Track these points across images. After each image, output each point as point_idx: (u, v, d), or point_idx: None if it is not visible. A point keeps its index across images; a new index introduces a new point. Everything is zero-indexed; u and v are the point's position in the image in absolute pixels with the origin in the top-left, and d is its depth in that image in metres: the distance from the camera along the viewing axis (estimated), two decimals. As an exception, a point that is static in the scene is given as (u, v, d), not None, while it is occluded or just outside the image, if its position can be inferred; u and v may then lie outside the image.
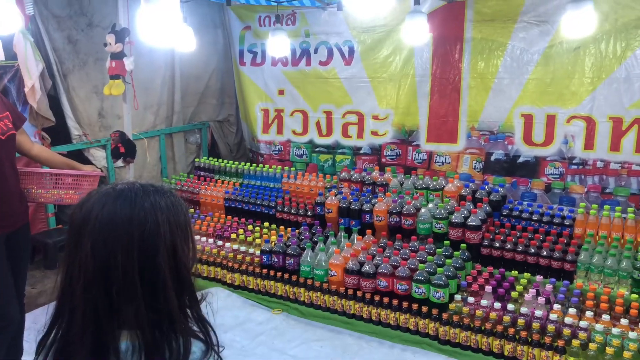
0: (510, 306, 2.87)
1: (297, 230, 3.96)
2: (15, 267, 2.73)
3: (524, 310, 2.86)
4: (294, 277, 3.54)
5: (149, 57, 4.86)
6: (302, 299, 3.50)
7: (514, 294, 2.98)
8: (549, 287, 3.02)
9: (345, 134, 5.34)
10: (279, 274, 3.58)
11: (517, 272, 3.24)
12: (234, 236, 3.96)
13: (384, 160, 5.14)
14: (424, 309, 3.07)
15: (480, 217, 3.48)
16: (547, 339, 2.65)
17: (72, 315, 1.01)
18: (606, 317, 2.71)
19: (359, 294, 3.28)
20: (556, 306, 2.82)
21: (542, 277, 3.16)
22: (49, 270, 4.18)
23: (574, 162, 4.33)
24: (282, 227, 4.13)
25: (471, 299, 2.98)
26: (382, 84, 5.11)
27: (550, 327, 2.69)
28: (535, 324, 2.73)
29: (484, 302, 2.95)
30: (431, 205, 3.69)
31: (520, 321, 2.76)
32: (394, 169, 4.49)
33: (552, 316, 2.73)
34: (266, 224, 4.15)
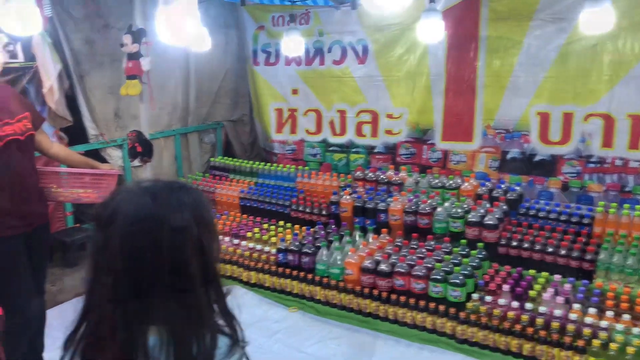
0: (528, 305, 2.84)
1: (312, 229, 3.96)
2: (35, 265, 2.77)
3: (542, 309, 2.84)
4: (310, 276, 3.54)
5: (164, 57, 4.89)
6: (318, 298, 3.50)
7: (532, 293, 2.96)
8: (567, 286, 2.99)
9: (359, 133, 5.33)
10: (295, 273, 3.59)
11: (534, 271, 3.22)
12: (250, 235, 3.97)
13: (398, 159, 5.13)
14: (441, 307, 3.06)
15: (497, 216, 3.46)
16: (567, 339, 2.63)
17: (101, 312, 1.02)
18: (627, 316, 2.68)
19: (375, 292, 3.28)
20: (576, 306, 2.79)
21: (560, 276, 3.13)
22: (68, 268, 4.22)
23: (592, 160, 4.28)
24: (296, 226, 4.14)
25: (489, 298, 2.96)
26: (396, 83, 5.10)
27: (570, 326, 2.67)
28: (554, 324, 2.70)
29: (502, 301, 2.94)
30: (447, 204, 3.67)
31: (539, 320, 2.74)
32: (409, 168, 4.47)
33: (572, 316, 2.71)
34: (281, 222, 4.16)
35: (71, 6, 4.43)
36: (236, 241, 4.00)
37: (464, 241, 3.38)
